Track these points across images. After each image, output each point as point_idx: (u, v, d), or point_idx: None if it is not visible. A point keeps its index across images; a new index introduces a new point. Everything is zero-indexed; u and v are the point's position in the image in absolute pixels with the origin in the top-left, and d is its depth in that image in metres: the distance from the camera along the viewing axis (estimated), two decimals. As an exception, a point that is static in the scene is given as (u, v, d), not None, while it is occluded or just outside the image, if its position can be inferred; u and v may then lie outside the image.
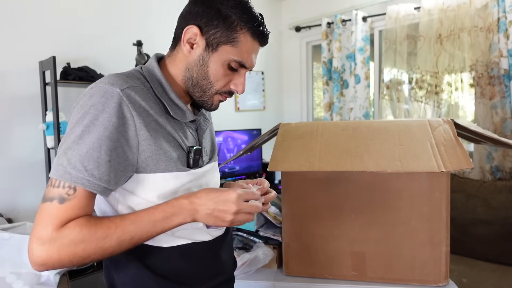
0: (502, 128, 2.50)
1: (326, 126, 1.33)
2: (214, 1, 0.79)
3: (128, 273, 0.83)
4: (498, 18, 2.45)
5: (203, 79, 0.83)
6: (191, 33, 0.80)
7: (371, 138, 1.25)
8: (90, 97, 0.72)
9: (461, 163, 1.13)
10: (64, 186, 0.70)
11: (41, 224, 0.70)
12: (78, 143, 0.70)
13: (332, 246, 1.31)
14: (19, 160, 2.24)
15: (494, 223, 2.27)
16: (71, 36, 2.43)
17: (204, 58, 0.81)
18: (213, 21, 0.79)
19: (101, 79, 0.76)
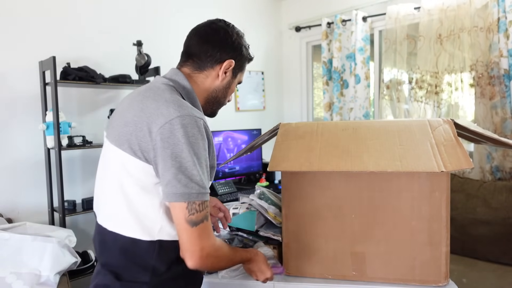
0: (502, 128, 2.50)
1: (326, 126, 1.33)
2: (239, 41, 1.05)
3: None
4: (498, 18, 2.45)
5: (223, 98, 1.09)
6: (228, 65, 1.03)
7: (371, 138, 1.25)
8: (185, 127, 0.85)
9: (461, 163, 1.13)
10: (205, 206, 0.88)
11: (204, 239, 0.88)
12: (198, 169, 0.86)
13: (332, 246, 1.31)
14: (19, 160, 2.24)
15: (494, 223, 2.27)
16: (71, 36, 2.43)
17: (229, 83, 1.07)
18: (240, 57, 1.06)
19: (179, 107, 0.88)
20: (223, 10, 3.29)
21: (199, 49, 1.02)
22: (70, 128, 2.23)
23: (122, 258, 0.94)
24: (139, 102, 0.93)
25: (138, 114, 0.90)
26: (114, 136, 0.94)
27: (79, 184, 2.49)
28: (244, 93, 3.64)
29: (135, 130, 0.88)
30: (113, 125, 0.98)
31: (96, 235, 1.02)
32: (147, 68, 2.55)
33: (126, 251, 0.93)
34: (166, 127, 0.84)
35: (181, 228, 0.86)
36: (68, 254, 1.80)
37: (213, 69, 1.03)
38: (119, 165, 0.91)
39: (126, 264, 0.94)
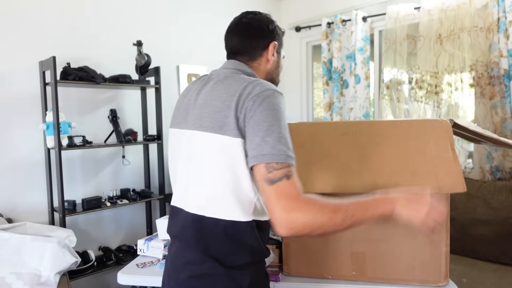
0: (502, 128, 2.50)
1: (326, 130, 1.33)
2: (271, 23, 1.14)
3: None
4: (498, 18, 2.45)
5: (277, 76, 1.19)
6: (273, 47, 1.12)
7: (370, 146, 1.25)
8: (273, 97, 0.92)
9: (455, 183, 1.15)
10: (284, 166, 0.86)
11: (284, 195, 0.85)
12: (285, 133, 0.90)
13: (332, 246, 1.31)
14: (19, 160, 2.24)
15: (494, 223, 2.27)
16: (71, 36, 2.43)
17: (278, 62, 1.17)
18: (278, 36, 1.15)
19: (264, 83, 0.96)
20: (223, 10, 3.29)
21: (242, 46, 1.10)
22: (70, 128, 2.23)
23: (225, 242, 0.96)
24: (219, 90, 0.98)
25: (226, 98, 0.94)
26: (204, 123, 0.96)
27: (79, 184, 2.49)
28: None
29: (229, 112, 0.92)
30: (194, 116, 1.00)
31: (188, 226, 1.01)
32: (147, 68, 2.55)
33: (228, 234, 0.96)
34: (255, 99, 0.91)
35: (262, 190, 0.88)
36: (68, 254, 1.80)
37: (262, 56, 1.11)
38: (218, 149, 0.93)
39: (229, 248, 0.97)
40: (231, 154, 0.92)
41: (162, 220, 1.64)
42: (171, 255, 1.08)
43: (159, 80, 2.60)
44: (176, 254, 1.05)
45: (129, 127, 2.62)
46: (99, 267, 2.35)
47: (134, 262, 1.56)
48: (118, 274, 1.47)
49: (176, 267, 1.03)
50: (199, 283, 0.98)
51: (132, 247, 2.57)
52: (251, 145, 0.89)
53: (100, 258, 2.42)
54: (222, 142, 0.92)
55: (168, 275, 1.07)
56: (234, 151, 0.91)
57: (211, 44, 3.20)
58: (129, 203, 2.48)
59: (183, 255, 1.02)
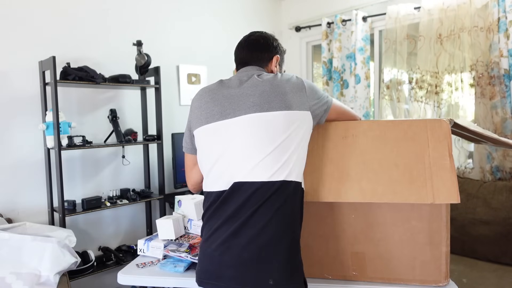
0: (502, 128, 2.50)
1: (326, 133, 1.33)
2: (275, 41, 1.38)
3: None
4: (498, 18, 2.45)
5: None
6: (276, 61, 1.36)
7: (370, 151, 1.25)
8: (309, 82, 1.27)
9: (451, 194, 1.17)
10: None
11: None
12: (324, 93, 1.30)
13: (332, 246, 1.31)
14: (19, 160, 2.24)
15: (494, 223, 2.27)
16: (71, 36, 2.43)
17: (280, 71, 1.38)
18: (280, 52, 1.40)
19: (295, 75, 1.27)
20: (223, 10, 3.29)
21: (251, 57, 1.34)
22: (70, 128, 2.23)
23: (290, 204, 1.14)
24: (269, 82, 1.21)
25: (283, 86, 1.20)
26: (274, 105, 1.17)
27: (79, 184, 2.49)
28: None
29: (292, 94, 1.19)
30: (250, 104, 1.18)
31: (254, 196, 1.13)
32: (147, 68, 2.55)
33: (292, 195, 1.15)
34: (305, 80, 1.26)
35: (345, 109, 1.36)
36: (68, 254, 1.80)
37: (267, 66, 1.36)
38: (288, 123, 1.16)
39: (292, 209, 1.14)
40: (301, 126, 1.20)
41: (162, 220, 1.64)
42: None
43: (159, 80, 2.60)
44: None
45: (129, 127, 2.62)
46: (99, 267, 2.35)
47: (134, 262, 1.56)
48: (118, 274, 1.47)
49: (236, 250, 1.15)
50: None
51: (132, 247, 2.57)
52: (321, 102, 1.26)
53: (100, 258, 2.42)
54: (293, 117, 1.17)
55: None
56: (304, 123, 1.20)
57: (211, 44, 3.20)
58: (129, 203, 2.48)
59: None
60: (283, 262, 1.10)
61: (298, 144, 1.16)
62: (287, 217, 1.12)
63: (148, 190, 2.67)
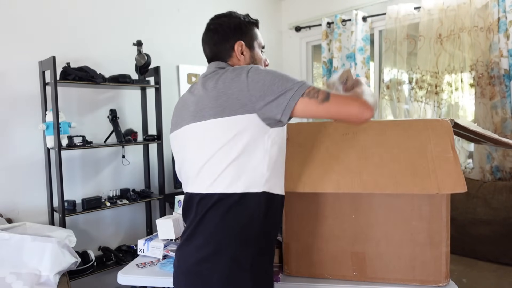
0: (502, 128, 2.50)
1: (326, 130, 1.33)
2: (238, 21, 1.21)
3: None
4: (498, 18, 2.45)
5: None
6: (240, 46, 1.18)
7: (371, 147, 1.25)
8: (258, 68, 1.05)
9: (456, 184, 1.15)
10: (315, 87, 1.00)
11: (343, 97, 1.00)
12: (289, 75, 1.03)
13: (332, 246, 1.31)
14: (19, 160, 2.24)
15: (494, 223, 2.27)
16: (71, 36, 2.43)
17: (252, 56, 1.21)
18: (244, 32, 1.20)
19: (242, 67, 1.07)
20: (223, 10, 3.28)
21: (212, 52, 1.20)
22: (70, 128, 2.23)
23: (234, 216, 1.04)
24: (208, 84, 1.08)
25: (222, 86, 1.04)
26: (206, 113, 1.05)
27: (79, 184, 2.49)
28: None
29: (228, 96, 1.02)
30: (189, 114, 1.09)
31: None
32: (147, 68, 2.55)
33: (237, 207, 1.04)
34: (250, 74, 1.02)
35: (327, 112, 0.99)
36: (68, 254, 1.80)
37: (233, 56, 1.19)
38: (223, 130, 1.02)
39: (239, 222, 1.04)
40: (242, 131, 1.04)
41: (162, 220, 1.64)
42: None
43: (159, 80, 2.60)
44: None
45: (129, 127, 2.62)
46: (99, 267, 2.35)
47: (134, 262, 1.56)
48: (118, 274, 1.47)
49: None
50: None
51: (132, 247, 2.57)
52: (279, 101, 1.00)
53: (100, 258, 2.42)
54: (229, 124, 1.03)
55: None
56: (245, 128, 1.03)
57: (211, 44, 3.20)
58: (129, 203, 2.48)
59: None
60: (222, 281, 1.00)
61: (242, 152, 1.01)
62: (231, 230, 1.01)
63: (148, 190, 2.67)
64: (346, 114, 0.98)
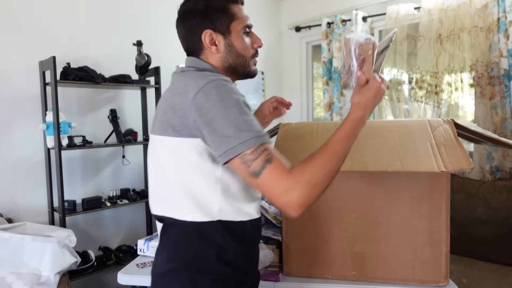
0: (502, 128, 2.50)
1: (326, 126, 1.33)
2: (205, 4, 0.98)
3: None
4: (498, 18, 2.45)
5: (238, 58, 1.01)
6: (208, 36, 0.98)
7: (371, 138, 1.25)
8: (216, 88, 0.86)
9: (461, 163, 1.13)
10: (259, 152, 0.82)
11: (274, 185, 0.81)
12: (244, 117, 0.84)
13: (332, 246, 1.31)
14: (19, 160, 2.24)
15: (494, 223, 2.27)
16: (71, 36, 2.43)
17: (229, 44, 0.99)
18: (213, 16, 0.97)
19: (201, 77, 0.89)
20: (223, 10, 3.28)
21: (184, 46, 1.05)
22: (70, 128, 2.23)
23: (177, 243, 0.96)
24: (168, 91, 0.97)
25: (171, 99, 0.92)
26: (157, 126, 0.95)
27: (79, 184, 2.49)
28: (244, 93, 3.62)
29: (174, 112, 0.89)
30: (154, 120, 1.00)
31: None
32: (147, 68, 2.55)
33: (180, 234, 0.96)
34: (199, 95, 0.85)
35: (253, 185, 0.85)
36: (68, 254, 1.80)
37: (204, 49, 1.00)
38: (168, 151, 0.92)
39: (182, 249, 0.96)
40: (182, 156, 0.90)
41: (162, 220, 1.64)
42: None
43: (159, 80, 2.60)
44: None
45: (129, 127, 2.62)
46: (99, 267, 2.35)
47: (134, 262, 1.56)
48: (118, 274, 1.47)
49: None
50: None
51: (132, 247, 2.57)
52: (215, 143, 0.84)
53: (100, 258, 2.42)
54: (172, 144, 0.90)
55: None
56: (184, 153, 0.90)
57: (211, 44, 3.20)
58: (129, 203, 2.48)
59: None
60: None
61: (190, 179, 0.90)
62: (186, 255, 0.93)
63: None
64: (272, 202, 0.83)
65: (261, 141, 0.82)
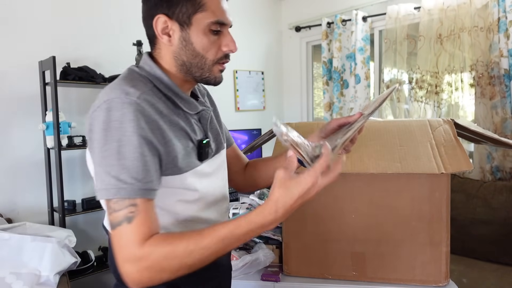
0: (502, 128, 2.50)
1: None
2: None
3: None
4: (498, 18, 2.44)
5: (194, 57, 0.82)
6: (161, 23, 0.80)
7: (372, 139, 1.25)
8: (107, 112, 0.72)
9: (461, 164, 1.13)
10: (125, 205, 0.69)
11: (121, 249, 0.70)
12: (119, 158, 0.70)
13: (332, 246, 1.31)
14: (19, 160, 2.24)
15: (494, 223, 2.27)
16: (71, 36, 2.43)
17: (185, 38, 0.80)
18: (173, 0, 0.79)
19: (110, 89, 0.76)
20: (223, 10, 3.28)
21: (145, 31, 0.88)
22: (70, 128, 2.23)
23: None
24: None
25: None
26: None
27: (79, 184, 2.49)
28: (244, 93, 3.63)
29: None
30: None
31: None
32: (147, 68, 2.55)
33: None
34: (92, 115, 0.75)
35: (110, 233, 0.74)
36: (68, 254, 1.80)
37: (158, 39, 0.84)
38: (91, 169, 0.85)
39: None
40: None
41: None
42: None
43: (159, 80, 2.60)
44: None
45: (129, 127, 2.62)
46: (99, 267, 2.35)
47: (134, 262, 1.56)
48: (118, 274, 1.46)
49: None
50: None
51: (132, 247, 2.57)
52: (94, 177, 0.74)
53: (100, 258, 2.41)
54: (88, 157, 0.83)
55: None
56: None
57: (211, 44, 3.20)
58: (129, 203, 2.48)
59: None
60: None
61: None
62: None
63: (148, 190, 2.67)
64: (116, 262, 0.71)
65: (129, 194, 0.69)
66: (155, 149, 0.74)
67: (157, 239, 0.70)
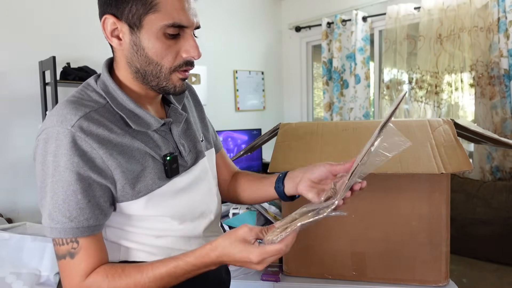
0: (502, 128, 2.50)
1: (326, 127, 1.33)
2: None
3: None
4: (498, 18, 2.45)
5: (148, 64, 0.73)
6: (110, 24, 0.71)
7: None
8: (44, 143, 0.69)
9: (461, 164, 1.13)
10: (67, 242, 0.68)
11: (66, 280, 0.70)
12: (52, 196, 0.68)
13: (332, 246, 1.31)
14: (19, 160, 2.24)
15: (494, 223, 2.27)
16: (71, 36, 2.43)
17: (135, 42, 0.71)
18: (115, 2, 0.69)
19: (51, 114, 0.71)
20: (223, 10, 3.28)
21: None
22: (70, 128, 2.23)
23: None
24: None
25: None
26: None
27: (79, 184, 2.49)
28: (244, 93, 3.63)
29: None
30: None
31: None
32: (147, 68, 2.55)
33: None
34: (35, 142, 0.73)
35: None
36: (68, 254, 1.80)
37: (112, 42, 0.75)
38: None
39: None
40: None
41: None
42: None
43: (159, 80, 2.60)
44: None
45: (129, 127, 2.62)
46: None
47: (134, 262, 1.56)
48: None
49: None
50: None
51: (132, 247, 2.57)
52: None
53: (100, 258, 2.41)
54: None
55: None
56: None
57: (211, 44, 3.20)
58: (129, 203, 2.48)
59: None
60: None
61: None
62: None
63: (148, 190, 2.67)
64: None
65: (61, 235, 0.68)
66: (95, 182, 0.69)
67: (100, 273, 0.69)
